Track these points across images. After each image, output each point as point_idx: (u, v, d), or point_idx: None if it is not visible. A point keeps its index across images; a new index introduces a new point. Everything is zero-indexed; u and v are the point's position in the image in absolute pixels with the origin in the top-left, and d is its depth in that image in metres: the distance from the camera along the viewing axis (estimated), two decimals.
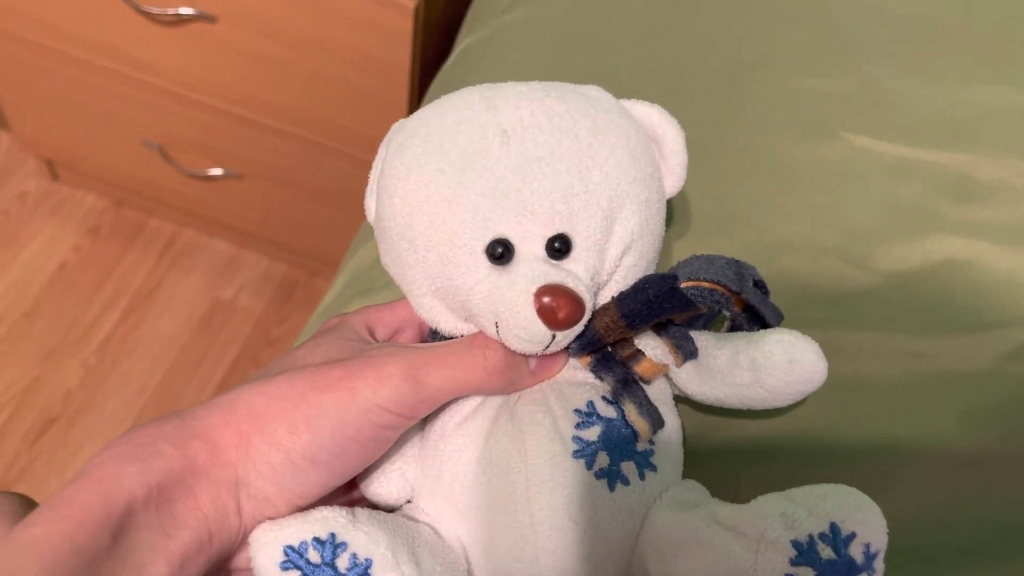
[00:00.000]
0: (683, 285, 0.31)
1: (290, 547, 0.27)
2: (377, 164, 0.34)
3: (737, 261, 0.33)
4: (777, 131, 0.47)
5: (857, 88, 0.50)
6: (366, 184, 0.35)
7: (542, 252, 0.29)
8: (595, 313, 0.31)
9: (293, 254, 1.14)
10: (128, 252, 1.15)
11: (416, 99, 0.81)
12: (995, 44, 0.53)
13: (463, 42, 0.61)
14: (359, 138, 0.86)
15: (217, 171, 0.97)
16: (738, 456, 0.37)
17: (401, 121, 0.34)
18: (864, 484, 0.36)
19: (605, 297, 0.31)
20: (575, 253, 0.30)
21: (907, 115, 0.49)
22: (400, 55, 0.76)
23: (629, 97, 0.34)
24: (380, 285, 0.45)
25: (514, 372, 0.31)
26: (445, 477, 0.31)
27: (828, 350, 0.39)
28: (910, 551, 0.34)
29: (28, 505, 0.30)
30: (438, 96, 0.33)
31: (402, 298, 0.35)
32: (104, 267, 1.13)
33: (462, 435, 0.31)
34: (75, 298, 1.10)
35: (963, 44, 0.53)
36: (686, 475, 0.33)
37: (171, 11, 0.78)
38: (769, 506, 0.27)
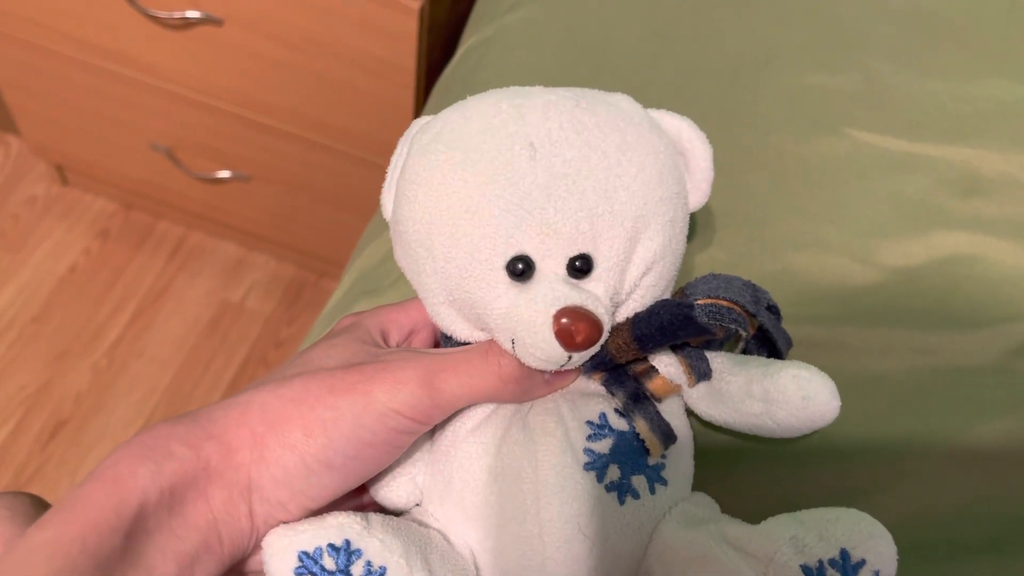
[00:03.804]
0: (701, 302, 0.30)
1: (305, 553, 0.27)
2: (396, 160, 0.33)
3: (753, 284, 0.33)
4: (781, 128, 0.47)
5: (861, 84, 0.50)
6: (373, 186, 0.35)
7: (563, 271, 0.29)
8: (609, 333, 0.30)
9: (301, 255, 1.15)
10: (137, 255, 1.15)
11: (422, 101, 0.81)
12: (999, 38, 0.53)
13: (467, 42, 0.61)
14: (365, 140, 0.86)
15: (225, 174, 0.98)
16: (744, 453, 0.37)
17: (425, 120, 0.33)
18: (871, 480, 0.36)
19: (621, 315, 0.31)
20: (596, 273, 0.29)
21: (911, 110, 0.48)
22: (405, 57, 0.76)
23: (634, 96, 0.33)
24: (386, 285, 0.45)
25: (529, 381, 0.30)
26: (455, 484, 0.31)
27: (834, 346, 0.39)
28: (917, 546, 0.34)
29: (41, 505, 0.30)
30: (441, 98, 0.33)
31: (415, 298, 0.35)
32: (113, 270, 1.14)
33: (473, 442, 0.31)
34: (85, 301, 1.11)
35: (967, 38, 0.53)
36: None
37: (177, 14, 0.78)
38: (779, 528, 0.27)
